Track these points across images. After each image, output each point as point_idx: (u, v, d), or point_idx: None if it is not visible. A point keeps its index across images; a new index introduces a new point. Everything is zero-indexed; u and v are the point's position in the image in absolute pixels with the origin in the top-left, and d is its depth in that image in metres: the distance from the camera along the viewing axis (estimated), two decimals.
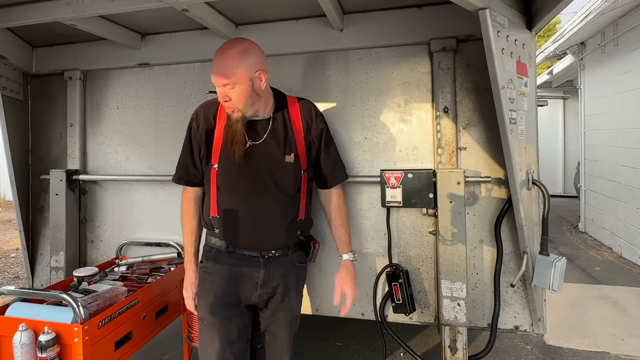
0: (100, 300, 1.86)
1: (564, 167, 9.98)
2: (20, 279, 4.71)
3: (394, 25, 2.16)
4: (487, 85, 1.73)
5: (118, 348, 1.83)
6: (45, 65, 2.71)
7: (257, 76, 1.51)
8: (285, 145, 1.62)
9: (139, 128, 2.62)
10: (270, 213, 1.61)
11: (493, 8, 1.57)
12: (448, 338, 2.04)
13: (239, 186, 1.61)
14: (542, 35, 12.62)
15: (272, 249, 1.64)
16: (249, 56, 1.50)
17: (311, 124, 1.68)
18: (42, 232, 2.77)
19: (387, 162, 2.22)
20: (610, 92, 5.59)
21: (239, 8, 2.17)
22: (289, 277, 1.67)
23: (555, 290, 1.84)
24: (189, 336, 2.24)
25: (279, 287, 1.64)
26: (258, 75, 1.51)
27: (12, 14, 2.01)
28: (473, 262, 2.11)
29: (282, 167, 1.61)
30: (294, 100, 1.70)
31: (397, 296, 2.11)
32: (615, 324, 3.26)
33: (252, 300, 1.64)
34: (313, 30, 2.26)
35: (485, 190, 2.09)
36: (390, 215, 2.19)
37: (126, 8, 1.86)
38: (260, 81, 1.52)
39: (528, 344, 2.96)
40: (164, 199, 2.57)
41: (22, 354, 1.57)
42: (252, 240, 1.62)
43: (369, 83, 2.24)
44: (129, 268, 2.44)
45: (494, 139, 2.03)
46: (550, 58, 7.80)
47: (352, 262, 1.77)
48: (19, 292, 1.85)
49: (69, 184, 2.60)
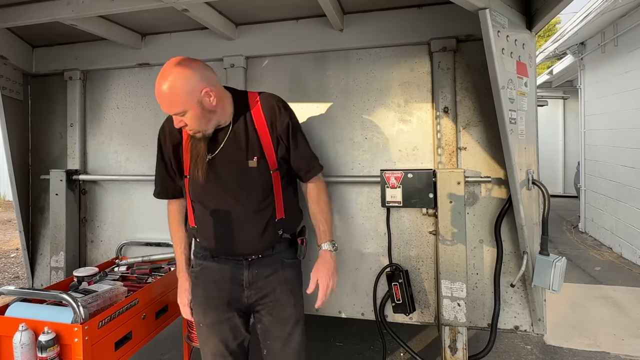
0: (100, 300, 1.86)
1: (564, 167, 9.97)
2: (20, 279, 4.71)
3: (394, 25, 2.16)
4: (487, 85, 1.73)
5: (118, 348, 1.83)
6: (45, 65, 2.71)
7: (203, 97, 1.43)
8: (248, 149, 1.56)
9: (139, 128, 2.62)
10: (241, 220, 1.58)
11: (493, 8, 1.58)
12: (448, 338, 2.04)
13: (207, 198, 1.60)
14: (542, 35, 12.62)
15: (251, 254, 1.62)
16: (187, 82, 1.40)
17: (275, 120, 1.58)
18: (42, 232, 2.77)
19: (387, 162, 2.22)
20: (610, 92, 5.59)
21: (239, 8, 2.18)
22: (277, 276, 1.64)
23: (555, 290, 1.84)
24: (189, 336, 2.24)
25: (266, 286, 1.62)
26: (205, 95, 1.43)
27: (12, 14, 2.01)
28: (473, 262, 2.11)
29: (247, 172, 1.57)
30: (255, 98, 1.62)
31: (397, 296, 2.11)
32: (615, 324, 3.26)
33: (243, 302, 1.63)
34: (313, 30, 2.26)
35: (485, 190, 2.09)
36: (390, 215, 2.19)
37: (126, 8, 1.86)
38: (210, 98, 1.44)
39: (528, 344, 2.96)
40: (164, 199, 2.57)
41: (22, 354, 1.57)
42: (229, 247, 1.61)
43: (369, 83, 2.24)
44: (129, 268, 2.44)
45: (494, 139, 2.03)
46: (550, 58, 7.80)
47: (329, 251, 1.67)
48: (19, 292, 1.85)
49: (69, 184, 2.60)
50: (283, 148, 1.62)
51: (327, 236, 1.70)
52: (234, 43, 2.39)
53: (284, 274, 1.66)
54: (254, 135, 1.57)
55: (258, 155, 1.57)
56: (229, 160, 1.57)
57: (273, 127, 1.58)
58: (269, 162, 1.58)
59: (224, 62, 2.39)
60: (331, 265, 1.65)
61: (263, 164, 1.57)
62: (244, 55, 2.37)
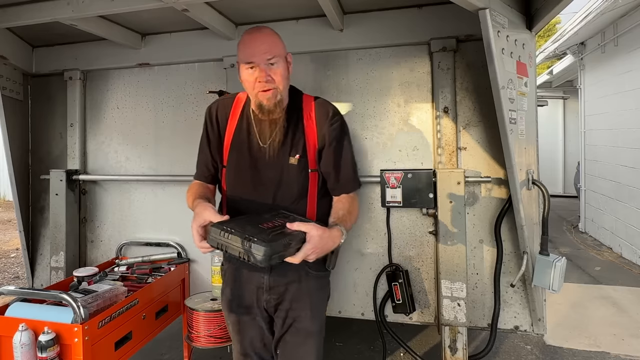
0: (100, 300, 1.86)
1: (564, 167, 9.97)
2: (20, 279, 4.71)
3: (394, 26, 2.16)
4: (487, 85, 1.73)
5: (118, 348, 1.83)
6: (45, 65, 2.71)
7: (289, 59, 1.50)
8: (292, 146, 1.53)
9: (139, 128, 2.62)
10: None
11: (493, 8, 1.58)
12: (448, 338, 2.05)
13: (243, 189, 1.56)
14: (542, 35, 12.61)
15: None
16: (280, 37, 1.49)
17: (325, 123, 1.54)
18: (42, 232, 2.77)
19: (387, 162, 2.22)
20: (610, 92, 5.59)
21: (239, 8, 2.18)
22: (298, 285, 1.54)
23: (555, 290, 1.84)
24: (189, 336, 2.24)
25: (286, 294, 1.54)
26: (290, 58, 1.50)
27: (12, 14, 2.01)
28: (473, 262, 2.11)
29: (286, 168, 1.53)
30: (310, 100, 1.59)
31: (397, 296, 2.11)
32: (615, 324, 3.26)
33: (263, 304, 1.57)
34: (313, 30, 2.26)
35: (485, 190, 2.09)
36: (390, 215, 2.19)
37: (126, 8, 1.86)
38: (290, 65, 1.50)
39: (528, 344, 2.96)
40: (164, 199, 2.57)
41: (22, 354, 1.57)
42: None
43: (369, 83, 2.24)
44: (129, 268, 2.44)
45: (494, 139, 2.03)
46: (550, 58, 7.80)
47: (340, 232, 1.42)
48: (19, 292, 1.85)
49: (69, 184, 2.60)
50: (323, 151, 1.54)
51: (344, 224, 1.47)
52: (234, 43, 2.34)
53: (306, 285, 1.55)
54: (301, 134, 1.54)
55: (300, 153, 1.53)
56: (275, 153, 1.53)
57: (321, 130, 1.54)
58: (309, 162, 1.54)
59: (224, 62, 2.39)
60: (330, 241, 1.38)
61: (303, 162, 1.53)
62: None
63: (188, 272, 2.51)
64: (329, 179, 1.57)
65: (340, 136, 1.57)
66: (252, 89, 1.45)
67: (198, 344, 2.18)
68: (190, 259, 2.52)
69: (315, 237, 1.30)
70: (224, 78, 2.39)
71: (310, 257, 1.31)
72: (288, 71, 1.49)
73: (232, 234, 1.22)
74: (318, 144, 1.54)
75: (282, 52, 1.46)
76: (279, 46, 1.45)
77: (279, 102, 1.47)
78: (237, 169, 1.56)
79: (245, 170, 1.55)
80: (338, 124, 1.56)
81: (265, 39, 1.43)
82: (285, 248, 1.25)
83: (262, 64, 1.40)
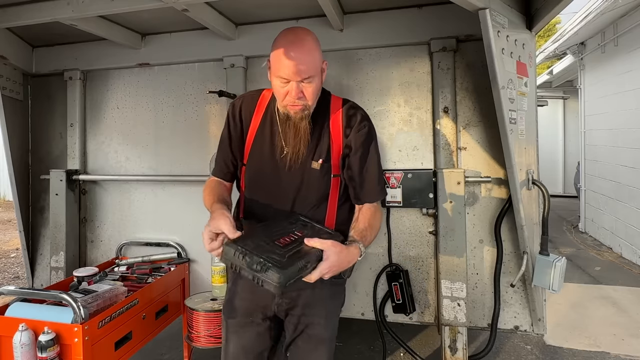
0: (100, 300, 1.86)
1: (564, 167, 9.96)
2: (20, 279, 4.70)
3: (394, 26, 2.16)
4: (487, 85, 1.73)
5: (118, 348, 1.83)
6: (45, 65, 2.71)
7: (324, 67, 1.40)
8: (316, 150, 1.47)
9: (139, 128, 2.62)
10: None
11: (493, 8, 1.58)
12: (448, 338, 2.05)
13: (262, 191, 1.52)
14: (542, 35, 12.61)
15: None
16: (319, 49, 1.37)
17: (352, 127, 1.47)
18: (42, 232, 2.77)
19: (387, 162, 2.22)
20: (610, 92, 5.59)
21: (239, 8, 2.18)
22: (311, 292, 1.48)
23: (555, 290, 1.84)
24: (189, 336, 2.23)
25: (299, 299, 1.50)
26: (325, 66, 1.41)
27: (12, 14, 2.01)
28: (473, 262, 2.11)
29: (307, 172, 1.47)
30: (338, 102, 1.52)
31: (397, 296, 2.11)
32: (615, 324, 3.25)
33: (272, 310, 1.53)
34: (313, 30, 2.25)
35: (485, 190, 2.09)
36: (390, 215, 2.19)
37: (126, 8, 1.86)
38: (324, 73, 1.41)
39: (528, 344, 2.96)
40: (164, 199, 2.57)
41: (22, 354, 1.57)
42: None
43: (369, 83, 2.24)
44: (129, 268, 2.44)
45: (494, 139, 2.03)
46: (550, 58, 7.80)
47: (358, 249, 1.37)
48: (19, 292, 1.85)
49: (69, 184, 2.60)
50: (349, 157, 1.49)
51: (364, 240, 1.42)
52: (234, 43, 2.39)
53: (320, 292, 1.49)
54: (326, 138, 1.48)
55: (324, 158, 1.47)
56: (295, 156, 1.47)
57: (347, 135, 1.47)
58: (332, 167, 1.48)
59: (224, 62, 2.39)
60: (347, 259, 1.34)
61: (326, 167, 1.48)
62: (244, 55, 2.37)
63: (188, 272, 2.51)
64: (352, 186, 1.51)
65: (368, 143, 1.49)
66: (281, 100, 1.39)
67: (198, 344, 2.18)
68: (190, 259, 2.53)
69: (332, 255, 1.26)
70: (224, 78, 2.39)
71: (325, 276, 1.26)
72: (322, 82, 1.41)
73: (246, 255, 1.17)
74: (343, 150, 1.47)
75: (319, 68, 1.36)
76: (317, 62, 1.35)
77: (307, 114, 1.41)
78: (258, 169, 1.51)
79: (265, 171, 1.50)
80: (366, 129, 1.48)
81: (305, 58, 1.31)
82: (301, 271, 1.21)
83: (296, 82, 1.33)
